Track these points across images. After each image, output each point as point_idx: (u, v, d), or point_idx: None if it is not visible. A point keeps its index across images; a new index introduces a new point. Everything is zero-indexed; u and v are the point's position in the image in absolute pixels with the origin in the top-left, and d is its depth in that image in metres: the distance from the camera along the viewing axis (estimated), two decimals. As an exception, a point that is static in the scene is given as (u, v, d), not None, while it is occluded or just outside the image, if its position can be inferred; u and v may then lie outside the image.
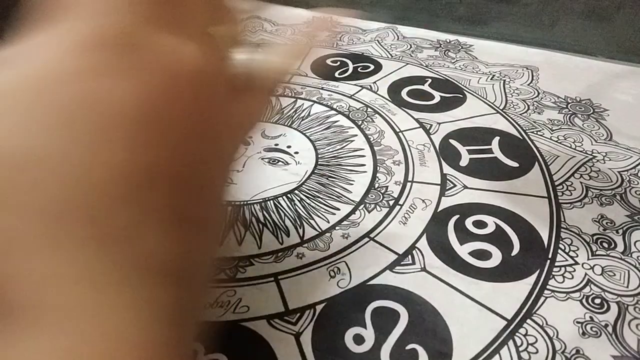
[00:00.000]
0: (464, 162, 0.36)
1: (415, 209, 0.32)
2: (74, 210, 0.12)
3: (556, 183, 0.34)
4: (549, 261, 0.29)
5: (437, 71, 0.48)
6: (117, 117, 0.13)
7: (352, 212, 0.32)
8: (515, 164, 0.36)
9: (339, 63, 0.49)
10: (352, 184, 0.34)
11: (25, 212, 0.12)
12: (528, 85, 0.45)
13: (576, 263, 0.28)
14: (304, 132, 0.40)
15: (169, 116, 0.13)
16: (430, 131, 0.39)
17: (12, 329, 0.12)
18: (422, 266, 0.28)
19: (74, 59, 0.12)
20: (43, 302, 0.12)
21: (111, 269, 0.13)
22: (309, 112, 0.42)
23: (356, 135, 0.39)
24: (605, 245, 0.29)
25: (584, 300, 0.26)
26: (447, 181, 0.35)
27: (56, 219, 0.12)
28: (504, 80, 0.46)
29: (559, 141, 0.38)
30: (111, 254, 0.13)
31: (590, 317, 0.26)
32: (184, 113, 0.14)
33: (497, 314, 0.26)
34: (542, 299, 0.26)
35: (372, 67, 0.49)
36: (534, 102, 0.43)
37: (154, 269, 0.13)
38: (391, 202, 0.33)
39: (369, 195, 0.33)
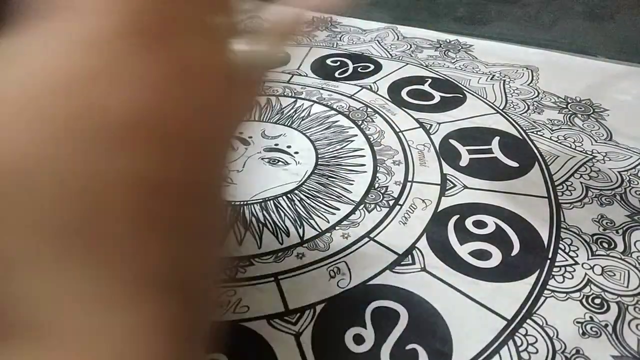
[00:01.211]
0: (464, 162, 0.36)
1: (415, 209, 0.32)
2: (75, 226, 0.12)
3: (556, 183, 0.34)
4: (549, 261, 0.29)
5: (437, 71, 0.48)
6: (121, 127, 0.12)
7: (352, 212, 0.32)
8: (515, 164, 0.36)
9: (339, 63, 0.49)
10: (352, 184, 0.34)
11: (24, 229, 0.12)
12: (528, 85, 0.45)
13: (576, 263, 0.28)
14: (304, 132, 0.40)
15: (173, 124, 0.13)
16: (430, 131, 0.39)
17: (14, 348, 0.12)
18: (422, 266, 0.28)
19: (77, 62, 0.12)
20: (45, 321, 0.12)
21: (113, 285, 0.12)
22: (309, 112, 0.42)
23: (356, 135, 0.39)
24: (605, 245, 0.29)
25: (584, 300, 0.26)
26: (447, 181, 0.35)
27: (57, 236, 0.12)
28: (504, 80, 0.46)
29: (559, 141, 0.38)
30: (113, 270, 0.12)
31: (590, 317, 0.26)
32: (188, 119, 0.13)
33: (497, 314, 0.26)
34: (542, 299, 0.26)
35: (372, 67, 0.49)
36: (534, 102, 0.43)
37: (158, 283, 0.13)
38: (391, 202, 0.33)
39: (369, 195, 0.33)
